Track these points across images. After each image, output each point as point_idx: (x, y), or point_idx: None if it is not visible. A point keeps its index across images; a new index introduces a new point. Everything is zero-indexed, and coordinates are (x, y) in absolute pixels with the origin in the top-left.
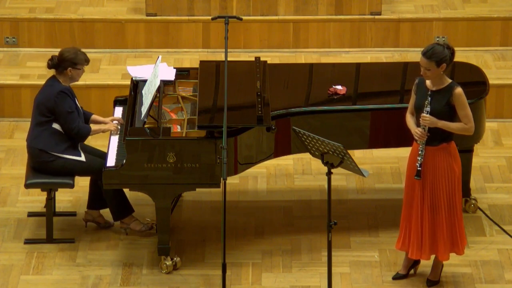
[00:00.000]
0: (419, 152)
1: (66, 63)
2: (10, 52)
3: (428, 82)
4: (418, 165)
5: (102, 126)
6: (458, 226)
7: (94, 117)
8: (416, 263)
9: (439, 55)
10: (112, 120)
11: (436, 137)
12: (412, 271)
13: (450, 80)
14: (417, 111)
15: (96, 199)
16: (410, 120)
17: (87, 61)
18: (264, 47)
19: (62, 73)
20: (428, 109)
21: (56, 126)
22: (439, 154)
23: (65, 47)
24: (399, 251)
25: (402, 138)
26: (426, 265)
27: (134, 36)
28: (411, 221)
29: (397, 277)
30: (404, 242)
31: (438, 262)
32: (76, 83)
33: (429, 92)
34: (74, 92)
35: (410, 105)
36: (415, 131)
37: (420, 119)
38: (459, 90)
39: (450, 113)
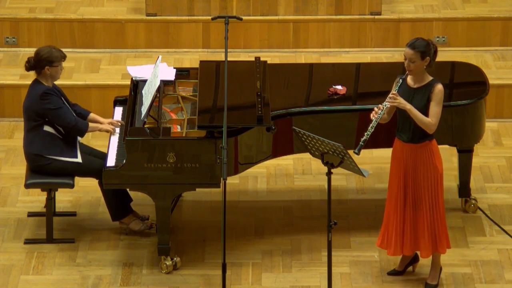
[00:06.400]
0: (368, 128)
1: (43, 63)
2: (10, 52)
3: (409, 80)
4: (362, 139)
5: (99, 125)
6: (441, 224)
7: (92, 115)
8: (414, 260)
9: (424, 47)
10: (110, 123)
11: (417, 134)
12: (410, 268)
13: (431, 78)
14: (399, 109)
15: (115, 208)
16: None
17: (63, 57)
18: (264, 47)
19: (41, 73)
20: (397, 88)
21: (48, 128)
22: (421, 152)
23: (40, 47)
24: None
25: None
26: (426, 264)
27: (134, 36)
28: (392, 218)
29: (392, 273)
30: (383, 240)
31: (436, 263)
32: (76, 83)
33: (400, 78)
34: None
35: None
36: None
37: (388, 98)
38: (440, 86)
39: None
